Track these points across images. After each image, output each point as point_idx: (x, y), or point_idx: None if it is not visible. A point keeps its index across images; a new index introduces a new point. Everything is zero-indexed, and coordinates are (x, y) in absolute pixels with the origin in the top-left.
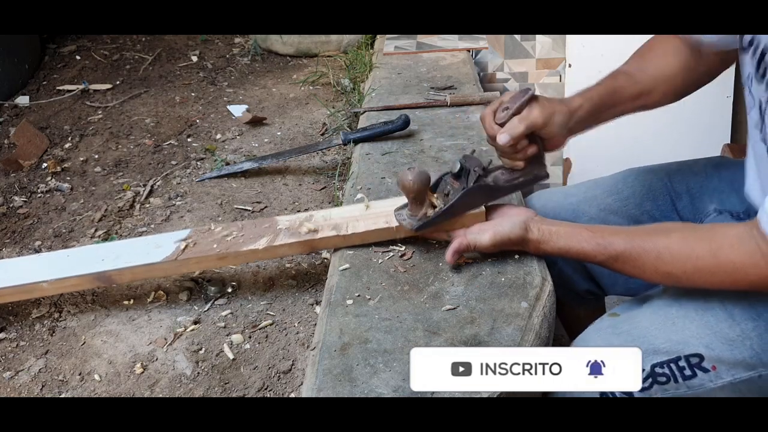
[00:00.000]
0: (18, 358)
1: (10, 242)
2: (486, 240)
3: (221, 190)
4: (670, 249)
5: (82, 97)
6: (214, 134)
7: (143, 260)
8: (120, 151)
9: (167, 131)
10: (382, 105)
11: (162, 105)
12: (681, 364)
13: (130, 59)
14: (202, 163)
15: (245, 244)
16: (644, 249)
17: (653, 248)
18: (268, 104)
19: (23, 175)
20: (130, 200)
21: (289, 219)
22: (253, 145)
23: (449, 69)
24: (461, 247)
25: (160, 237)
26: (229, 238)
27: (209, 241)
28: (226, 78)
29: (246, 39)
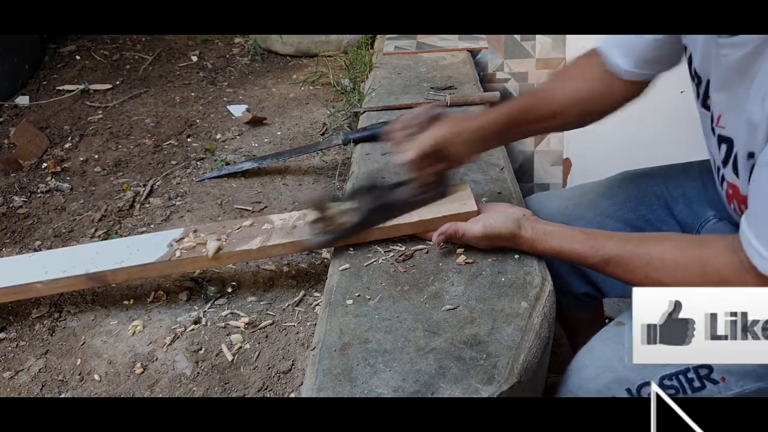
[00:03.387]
0: (18, 358)
1: (10, 242)
2: (477, 231)
3: (221, 190)
4: (661, 256)
5: (82, 97)
6: (214, 134)
7: (137, 260)
8: (120, 151)
9: (167, 131)
10: (382, 105)
11: (162, 105)
12: (690, 375)
13: (130, 59)
14: (202, 163)
15: (239, 244)
16: (636, 254)
17: (645, 254)
18: (268, 104)
19: (23, 175)
20: (130, 200)
21: (283, 218)
22: (253, 145)
23: (449, 69)
24: (450, 231)
25: (155, 236)
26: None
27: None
28: (226, 78)
29: (246, 39)
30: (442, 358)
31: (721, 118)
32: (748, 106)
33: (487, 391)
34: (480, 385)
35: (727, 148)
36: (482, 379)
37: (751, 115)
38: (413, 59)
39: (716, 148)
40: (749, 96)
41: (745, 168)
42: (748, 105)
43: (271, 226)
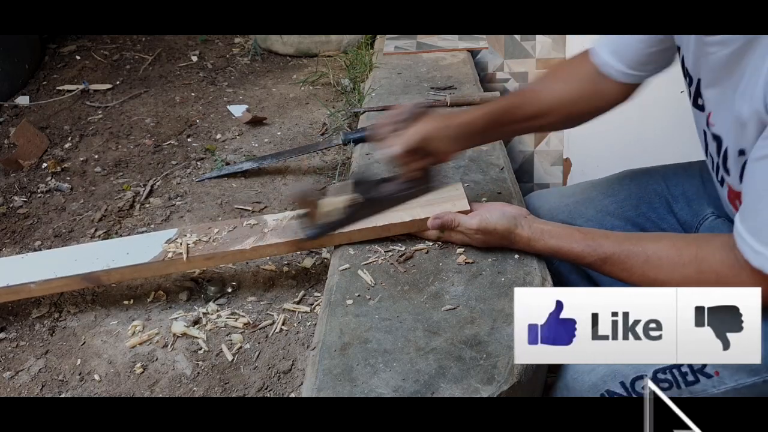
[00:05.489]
0: (18, 358)
1: (10, 242)
2: (473, 224)
3: (221, 190)
4: (658, 254)
5: (82, 97)
6: (214, 134)
7: (131, 260)
8: (120, 151)
9: (167, 131)
10: (382, 105)
11: (162, 105)
12: (683, 369)
13: (130, 59)
14: (202, 163)
15: (233, 244)
16: (633, 253)
17: (642, 253)
18: (268, 104)
19: (23, 175)
20: (130, 200)
21: (277, 218)
22: (253, 145)
23: (449, 69)
24: (446, 219)
25: (149, 237)
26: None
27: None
28: (226, 78)
29: (246, 39)
30: (442, 358)
31: (711, 116)
32: (736, 103)
33: (487, 391)
34: (480, 385)
35: (716, 146)
36: (482, 379)
37: (740, 112)
38: (413, 59)
39: (714, 147)
40: (737, 93)
41: (735, 165)
42: (737, 102)
43: (265, 225)
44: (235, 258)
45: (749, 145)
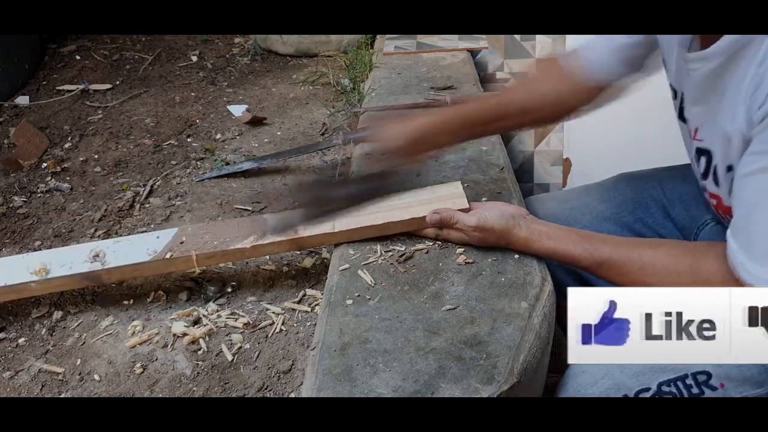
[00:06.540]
0: (18, 358)
1: (10, 242)
2: (471, 221)
3: (221, 190)
4: (653, 262)
5: (82, 97)
6: (214, 134)
7: (131, 259)
8: (120, 151)
9: (167, 131)
10: (382, 105)
11: (162, 105)
12: (688, 381)
13: (130, 59)
14: (202, 163)
15: (233, 243)
16: (630, 258)
17: (638, 259)
18: (268, 104)
19: (23, 175)
20: (130, 200)
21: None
22: (253, 145)
23: (449, 69)
24: (445, 215)
25: (149, 236)
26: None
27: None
28: (226, 78)
29: (246, 39)
30: (442, 358)
31: (698, 131)
32: (721, 120)
33: (487, 391)
34: (480, 385)
35: (706, 161)
36: (482, 379)
37: (725, 129)
38: (413, 59)
39: (695, 161)
40: (721, 110)
41: (725, 180)
42: (721, 119)
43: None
44: (235, 257)
45: (736, 161)
